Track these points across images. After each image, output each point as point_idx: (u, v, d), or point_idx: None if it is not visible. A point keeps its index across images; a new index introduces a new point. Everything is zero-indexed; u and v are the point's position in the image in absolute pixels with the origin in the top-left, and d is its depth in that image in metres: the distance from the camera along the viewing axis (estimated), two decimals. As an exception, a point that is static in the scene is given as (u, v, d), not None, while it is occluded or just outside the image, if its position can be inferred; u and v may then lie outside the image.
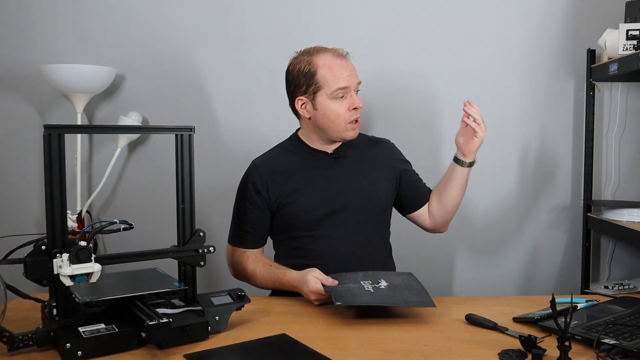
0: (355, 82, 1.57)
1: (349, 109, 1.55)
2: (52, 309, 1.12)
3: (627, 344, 1.07)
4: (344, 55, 1.58)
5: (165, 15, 2.32)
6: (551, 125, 2.28)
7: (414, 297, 1.34)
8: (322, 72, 1.54)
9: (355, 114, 1.56)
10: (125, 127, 2.18)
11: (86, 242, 1.10)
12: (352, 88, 1.56)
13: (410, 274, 1.47)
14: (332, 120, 1.56)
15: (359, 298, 1.32)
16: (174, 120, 2.29)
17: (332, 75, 1.53)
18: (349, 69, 1.56)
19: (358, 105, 1.56)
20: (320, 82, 1.54)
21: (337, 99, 1.55)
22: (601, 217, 2.14)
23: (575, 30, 2.24)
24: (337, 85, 1.53)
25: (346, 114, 1.56)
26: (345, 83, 1.54)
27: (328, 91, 1.54)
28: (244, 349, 1.13)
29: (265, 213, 1.62)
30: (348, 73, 1.55)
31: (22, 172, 2.39)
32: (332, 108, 1.55)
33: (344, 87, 1.54)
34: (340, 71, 1.54)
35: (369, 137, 1.76)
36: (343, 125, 1.57)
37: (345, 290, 1.35)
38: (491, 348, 1.12)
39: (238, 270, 1.64)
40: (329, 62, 1.54)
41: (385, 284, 1.39)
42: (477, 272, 2.34)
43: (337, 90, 1.54)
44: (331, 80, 1.53)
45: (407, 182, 1.71)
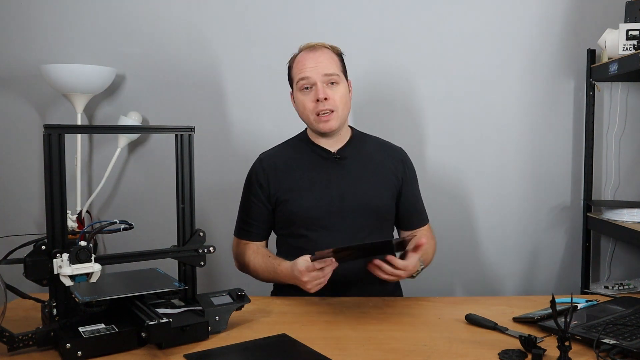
0: (320, 74, 1.56)
1: (313, 100, 1.57)
2: (52, 309, 1.12)
3: (627, 344, 1.07)
4: (314, 47, 1.60)
5: (165, 15, 2.32)
6: (551, 125, 2.28)
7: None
8: (294, 65, 1.62)
9: (319, 106, 1.56)
10: (125, 127, 2.18)
11: (86, 242, 1.10)
12: (315, 79, 1.56)
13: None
14: (302, 112, 1.62)
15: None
16: (174, 120, 2.29)
17: (298, 67, 1.60)
18: (315, 60, 1.57)
19: (320, 96, 1.55)
20: (292, 74, 1.63)
21: (304, 90, 1.59)
22: (601, 217, 2.14)
23: (575, 30, 2.24)
24: (299, 75, 1.58)
25: (311, 106, 1.58)
26: (305, 74, 1.57)
27: (295, 82, 1.61)
28: (244, 349, 1.13)
29: (267, 207, 1.64)
30: (313, 64, 1.57)
31: (22, 172, 2.39)
32: (300, 100, 1.61)
33: (305, 77, 1.57)
34: (304, 63, 1.58)
35: (383, 142, 1.75)
36: (312, 117, 1.59)
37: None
38: (491, 348, 1.12)
39: (240, 262, 1.67)
40: (300, 56, 1.62)
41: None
42: (477, 272, 2.34)
43: (299, 81, 1.58)
44: (296, 71, 1.60)
45: (404, 198, 1.69)
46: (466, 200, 2.32)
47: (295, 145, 1.70)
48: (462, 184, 2.31)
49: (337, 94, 1.58)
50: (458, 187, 2.31)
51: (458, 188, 2.31)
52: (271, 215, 1.65)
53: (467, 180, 2.31)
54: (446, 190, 2.30)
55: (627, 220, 1.99)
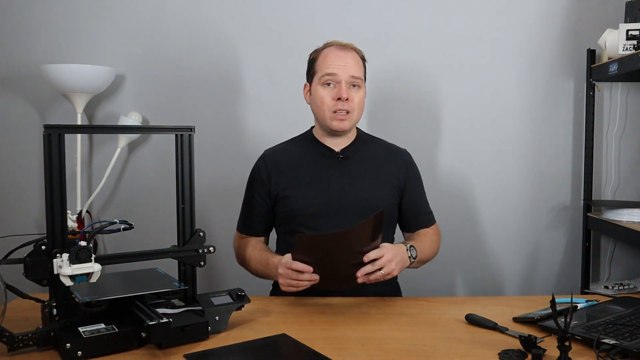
0: (347, 74, 1.57)
1: (333, 97, 1.57)
2: (52, 309, 1.12)
3: (627, 344, 1.07)
4: (345, 46, 1.60)
5: (165, 15, 2.32)
6: (551, 125, 2.28)
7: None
8: (320, 59, 1.61)
9: (339, 104, 1.57)
10: (125, 127, 2.18)
11: (86, 242, 1.10)
12: (341, 78, 1.57)
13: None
14: (318, 107, 1.61)
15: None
16: (174, 120, 2.30)
17: (325, 62, 1.59)
18: (345, 60, 1.58)
19: (343, 96, 1.56)
20: (316, 67, 1.61)
21: (325, 85, 1.58)
22: (601, 217, 2.14)
23: (575, 30, 2.24)
24: (326, 70, 1.58)
25: (331, 103, 1.57)
26: (333, 70, 1.57)
27: (319, 76, 1.60)
28: (244, 349, 1.13)
29: (268, 203, 1.65)
30: (342, 63, 1.57)
31: (22, 172, 2.39)
32: (319, 94, 1.59)
33: (331, 74, 1.57)
34: (333, 59, 1.58)
35: (387, 144, 1.75)
36: (327, 114, 1.59)
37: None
38: (491, 348, 1.12)
39: (241, 256, 1.67)
40: (328, 51, 1.61)
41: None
42: (477, 272, 2.34)
43: (325, 76, 1.57)
44: (323, 66, 1.59)
45: (407, 199, 1.69)
46: (466, 200, 2.32)
47: (300, 143, 1.71)
48: (461, 183, 2.31)
49: (357, 97, 1.59)
50: (458, 187, 2.31)
51: (458, 188, 2.31)
52: (271, 211, 1.66)
53: (466, 180, 2.31)
54: (446, 190, 2.30)
55: (627, 220, 1.99)
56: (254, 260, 1.59)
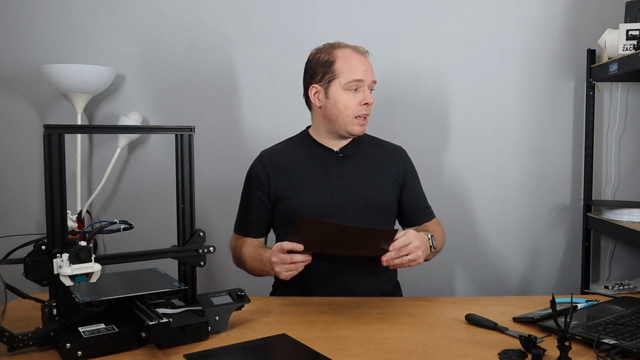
0: (370, 79, 1.59)
1: (359, 103, 1.57)
2: (52, 309, 1.12)
3: (627, 344, 1.07)
4: (364, 51, 1.62)
5: (165, 15, 2.32)
6: (551, 125, 2.28)
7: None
8: (340, 62, 1.58)
9: (364, 109, 1.58)
10: (125, 127, 2.18)
11: (86, 242, 1.10)
12: (366, 83, 1.58)
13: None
14: (340, 112, 1.58)
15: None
16: (174, 120, 2.30)
17: (349, 67, 1.57)
18: (366, 65, 1.59)
19: (369, 101, 1.58)
20: (337, 71, 1.58)
21: (350, 90, 1.57)
22: (601, 217, 2.14)
23: (575, 30, 2.25)
24: (353, 77, 1.56)
25: (356, 108, 1.57)
26: (360, 76, 1.57)
27: (343, 81, 1.57)
28: (244, 349, 1.13)
29: (267, 204, 1.64)
30: (365, 68, 1.58)
31: (22, 172, 2.39)
32: (343, 99, 1.58)
33: (359, 80, 1.57)
34: (358, 64, 1.58)
35: (382, 141, 1.76)
36: (350, 119, 1.58)
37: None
38: (491, 348, 1.12)
39: (236, 256, 1.66)
40: (348, 55, 1.59)
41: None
42: (477, 272, 2.34)
43: (352, 82, 1.56)
44: (347, 71, 1.57)
45: (406, 196, 1.69)
46: (466, 200, 2.32)
47: (297, 143, 1.70)
48: (462, 183, 2.31)
49: (372, 101, 1.61)
50: (458, 187, 2.31)
51: (458, 188, 2.31)
52: (270, 213, 1.65)
53: (467, 180, 2.31)
54: (446, 189, 2.30)
55: (627, 220, 1.99)
56: (249, 258, 1.58)
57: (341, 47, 1.61)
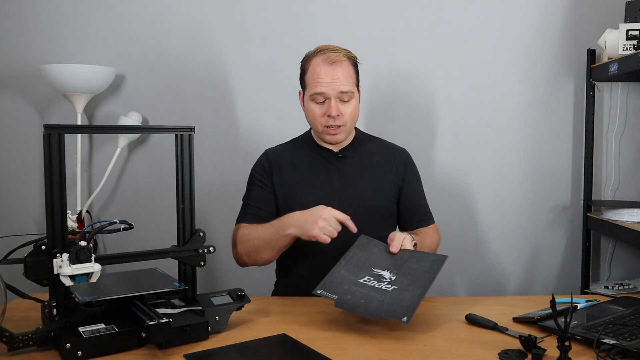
0: (336, 90, 1.54)
1: (324, 114, 1.57)
2: (52, 309, 1.12)
3: (627, 344, 1.07)
4: (335, 60, 1.55)
5: (165, 15, 2.32)
6: (551, 125, 2.28)
7: (398, 304, 1.25)
8: (308, 73, 1.59)
9: (330, 121, 1.56)
10: (125, 127, 2.18)
11: (86, 242, 1.10)
12: (330, 95, 1.55)
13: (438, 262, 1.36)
14: (310, 120, 1.63)
15: (341, 294, 1.28)
16: (174, 120, 2.30)
17: (313, 79, 1.57)
18: (333, 75, 1.55)
19: (332, 113, 1.55)
20: (306, 82, 1.60)
21: (316, 102, 1.58)
22: (601, 217, 2.14)
23: (575, 30, 2.24)
24: (314, 89, 1.56)
25: (321, 119, 1.58)
26: (321, 89, 1.55)
27: (308, 93, 1.59)
28: (244, 349, 1.13)
29: (272, 194, 1.63)
30: (330, 80, 1.54)
31: (22, 172, 2.39)
32: (310, 109, 1.60)
33: (320, 93, 1.55)
34: (322, 77, 1.55)
35: (387, 143, 1.76)
36: (320, 128, 1.60)
37: (337, 281, 1.32)
38: (491, 348, 1.12)
39: (239, 241, 1.59)
40: (315, 65, 1.57)
41: (390, 281, 1.32)
42: (477, 272, 2.34)
43: (314, 95, 1.57)
44: (311, 83, 1.58)
45: (405, 198, 1.69)
46: (466, 200, 2.32)
47: (299, 145, 1.71)
48: (462, 183, 2.31)
49: (348, 110, 1.58)
50: (458, 187, 2.31)
51: (458, 188, 2.31)
52: (274, 203, 1.63)
53: (467, 180, 2.31)
54: (446, 189, 2.30)
55: (627, 220, 1.99)
56: (261, 228, 1.53)
57: (316, 55, 1.58)
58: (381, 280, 1.33)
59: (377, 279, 1.34)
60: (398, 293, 1.28)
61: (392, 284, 1.31)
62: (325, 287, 1.31)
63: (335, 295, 1.28)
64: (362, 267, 1.37)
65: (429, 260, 1.35)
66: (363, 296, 1.28)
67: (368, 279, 1.34)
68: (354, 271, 1.36)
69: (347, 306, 1.26)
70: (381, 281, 1.33)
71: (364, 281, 1.33)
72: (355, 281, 1.33)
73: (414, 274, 1.32)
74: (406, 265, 1.36)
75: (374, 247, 1.43)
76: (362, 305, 1.25)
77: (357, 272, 1.36)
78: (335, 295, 1.28)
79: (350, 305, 1.26)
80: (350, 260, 1.39)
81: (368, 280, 1.33)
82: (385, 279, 1.33)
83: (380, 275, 1.35)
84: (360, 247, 1.42)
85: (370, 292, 1.29)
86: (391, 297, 1.27)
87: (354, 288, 1.31)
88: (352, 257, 1.39)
